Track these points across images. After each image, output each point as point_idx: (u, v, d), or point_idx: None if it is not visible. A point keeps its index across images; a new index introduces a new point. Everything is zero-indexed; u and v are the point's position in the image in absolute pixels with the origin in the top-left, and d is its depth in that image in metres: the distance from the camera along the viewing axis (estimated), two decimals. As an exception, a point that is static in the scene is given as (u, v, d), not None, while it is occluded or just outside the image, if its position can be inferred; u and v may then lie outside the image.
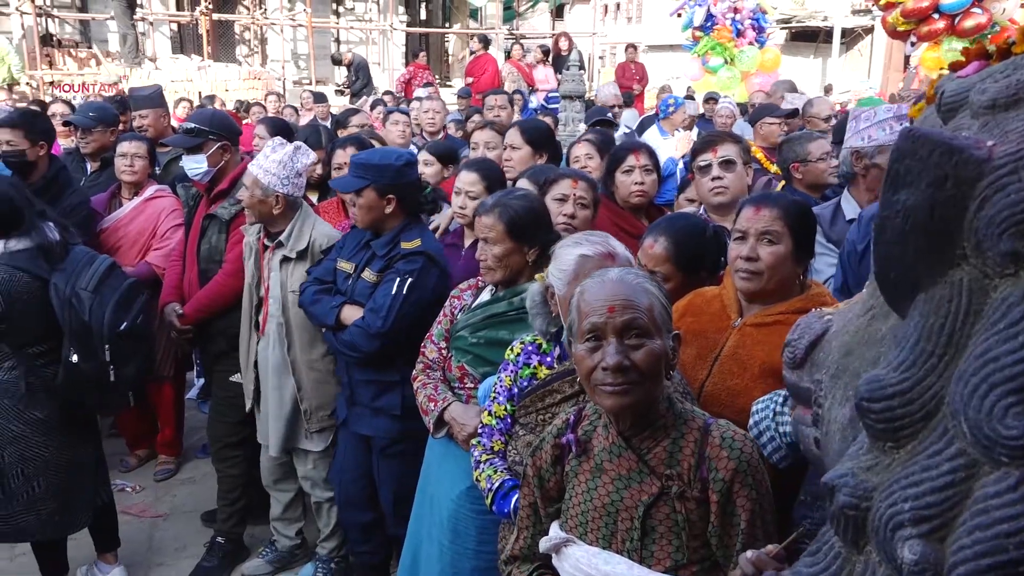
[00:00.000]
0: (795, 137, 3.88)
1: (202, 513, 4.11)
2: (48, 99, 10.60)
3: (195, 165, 3.65)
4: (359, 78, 14.11)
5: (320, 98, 10.22)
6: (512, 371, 2.16)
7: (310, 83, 15.84)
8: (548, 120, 5.61)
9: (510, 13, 21.39)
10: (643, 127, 9.08)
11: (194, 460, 4.75)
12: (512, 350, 2.20)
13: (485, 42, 13.49)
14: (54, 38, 15.19)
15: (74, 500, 3.28)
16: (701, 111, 8.68)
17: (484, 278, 2.58)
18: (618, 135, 6.23)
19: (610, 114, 5.57)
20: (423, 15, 22.53)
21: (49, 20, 15.30)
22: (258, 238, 3.35)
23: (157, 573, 3.70)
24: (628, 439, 1.64)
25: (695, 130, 7.10)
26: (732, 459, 1.58)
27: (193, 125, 3.72)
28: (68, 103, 6.76)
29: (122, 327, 3.09)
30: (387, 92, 11.21)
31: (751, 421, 1.81)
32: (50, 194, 3.97)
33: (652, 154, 3.53)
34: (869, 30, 22.61)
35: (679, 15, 13.46)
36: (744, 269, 2.10)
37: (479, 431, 2.26)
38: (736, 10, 12.24)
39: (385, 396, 3.02)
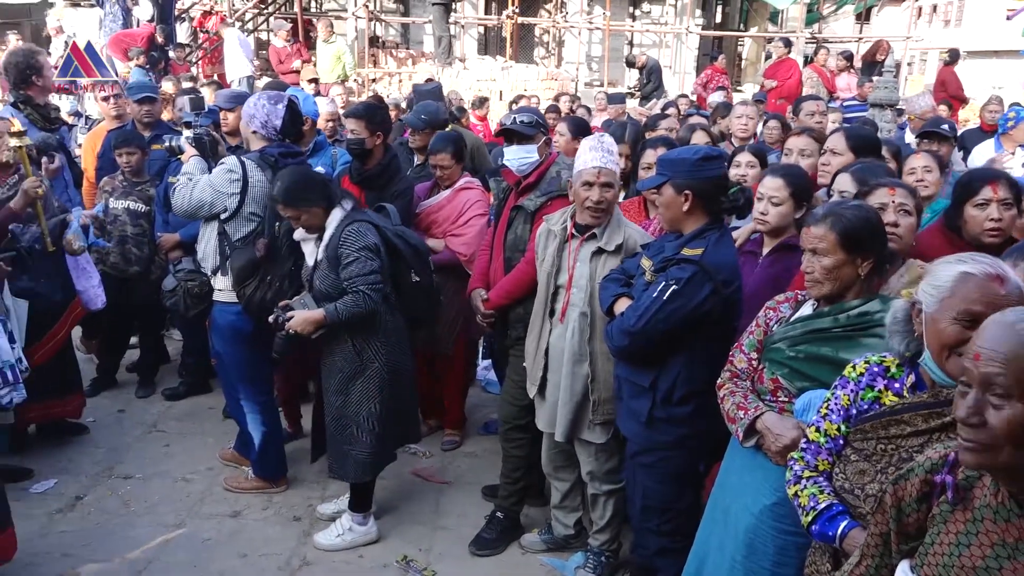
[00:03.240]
0: None
1: (483, 487, 4.35)
2: (369, 94, 11.80)
3: (525, 155, 3.85)
4: (651, 81, 14.10)
5: (616, 99, 10.34)
6: (852, 390, 2.03)
7: (601, 85, 16.19)
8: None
9: (813, 16, 20.17)
10: (962, 141, 8.21)
11: (476, 436, 5.04)
12: (854, 368, 2.06)
13: (788, 45, 12.85)
14: (379, 39, 16.91)
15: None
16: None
17: (809, 292, 2.44)
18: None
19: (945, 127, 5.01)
20: (718, 18, 22.08)
21: (376, 24, 17.06)
22: (564, 228, 3.41)
23: (441, 535, 3.98)
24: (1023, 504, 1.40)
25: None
26: None
27: (532, 118, 3.95)
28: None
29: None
30: (682, 95, 11.11)
31: None
32: (382, 179, 4.41)
33: (1014, 185, 3.02)
34: None
35: (1009, 17, 12.00)
36: None
37: (802, 447, 2.15)
38: (1094, 10, 10.63)
39: (637, 399, 3.01)
